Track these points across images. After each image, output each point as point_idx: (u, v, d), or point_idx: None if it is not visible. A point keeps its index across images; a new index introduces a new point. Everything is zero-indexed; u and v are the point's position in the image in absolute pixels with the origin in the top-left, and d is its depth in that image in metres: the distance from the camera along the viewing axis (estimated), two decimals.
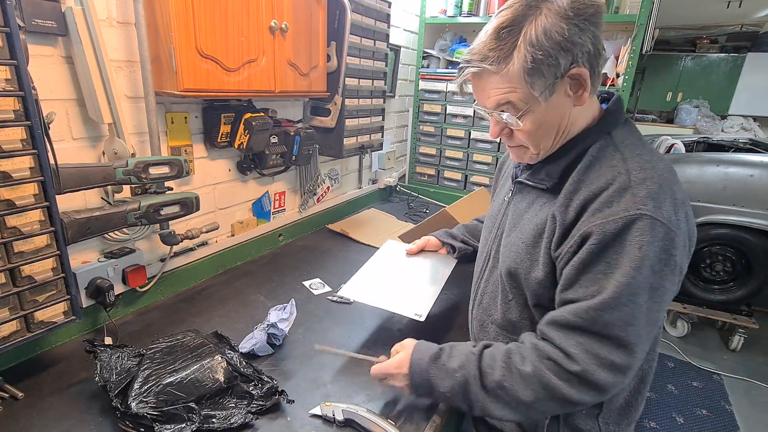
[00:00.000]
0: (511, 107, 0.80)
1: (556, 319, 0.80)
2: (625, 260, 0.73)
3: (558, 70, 0.76)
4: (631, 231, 0.73)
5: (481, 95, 0.84)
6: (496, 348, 0.87)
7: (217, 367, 0.94)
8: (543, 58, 0.74)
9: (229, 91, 1.26)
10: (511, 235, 0.94)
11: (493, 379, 0.82)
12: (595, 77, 0.79)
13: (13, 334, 0.90)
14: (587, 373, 0.75)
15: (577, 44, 0.75)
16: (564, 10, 0.74)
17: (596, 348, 0.75)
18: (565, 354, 0.77)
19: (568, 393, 0.77)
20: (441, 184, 2.76)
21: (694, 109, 6.04)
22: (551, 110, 0.80)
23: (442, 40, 2.69)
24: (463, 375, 0.84)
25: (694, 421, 2.44)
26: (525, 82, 0.76)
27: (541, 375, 0.78)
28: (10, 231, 0.85)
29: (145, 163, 1.09)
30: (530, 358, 0.80)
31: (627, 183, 0.76)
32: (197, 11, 1.12)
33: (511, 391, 0.80)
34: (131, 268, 1.22)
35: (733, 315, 3.02)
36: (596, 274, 0.76)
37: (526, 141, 0.85)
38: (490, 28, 0.79)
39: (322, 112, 1.81)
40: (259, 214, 1.76)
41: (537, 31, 0.74)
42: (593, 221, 0.76)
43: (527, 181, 0.92)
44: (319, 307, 1.39)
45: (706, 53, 6.13)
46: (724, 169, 2.87)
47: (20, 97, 0.81)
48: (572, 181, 0.82)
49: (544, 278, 0.84)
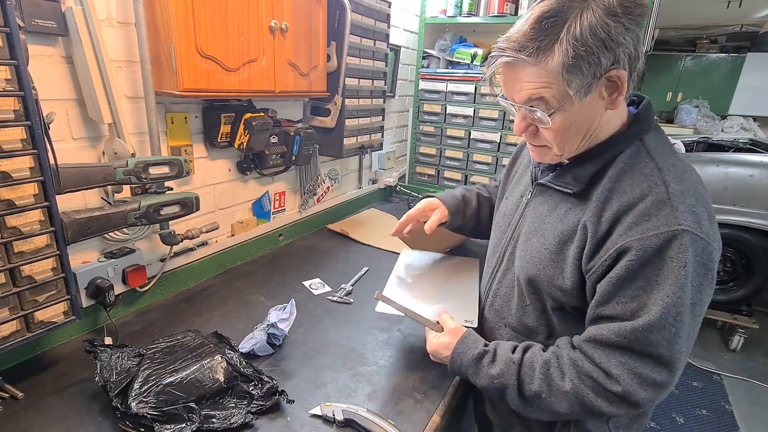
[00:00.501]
0: (543, 103, 0.76)
1: (597, 338, 0.78)
2: (669, 278, 0.71)
3: (598, 70, 0.71)
4: (672, 247, 0.71)
5: (512, 87, 0.78)
6: (534, 355, 0.85)
7: (217, 367, 0.94)
8: (585, 55, 0.69)
9: (229, 91, 1.26)
10: (531, 239, 0.91)
11: (531, 389, 0.82)
12: (631, 81, 0.76)
13: (13, 334, 0.90)
14: (629, 393, 0.74)
15: (621, 44, 0.71)
16: (612, 7, 0.69)
17: (639, 367, 0.74)
18: (607, 374, 0.76)
19: (606, 410, 0.77)
20: (441, 184, 2.76)
21: (694, 109, 6.04)
22: (583, 111, 0.76)
23: (442, 40, 2.69)
24: (501, 383, 0.86)
25: (694, 421, 2.44)
26: (562, 78, 0.71)
27: (580, 394, 0.78)
28: (10, 231, 0.85)
29: (145, 163, 1.09)
30: (569, 374, 0.79)
31: (665, 195, 0.73)
32: (197, 11, 1.12)
33: (547, 403, 0.81)
34: (131, 268, 1.22)
35: (733, 315, 3.02)
36: (635, 291, 0.73)
37: (551, 141, 0.81)
38: (531, 16, 0.73)
39: (322, 112, 1.81)
40: (259, 214, 1.76)
41: (582, 25, 0.69)
42: (631, 236, 0.73)
43: (551, 184, 0.89)
44: (319, 307, 1.39)
45: (706, 53, 6.14)
46: (724, 169, 2.87)
47: (20, 97, 0.81)
48: (603, 189, 0.79)
49: (571, 288, 0.82)
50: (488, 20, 2.44)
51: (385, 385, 1.04)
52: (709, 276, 0.74)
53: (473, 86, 2.48)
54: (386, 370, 1.10)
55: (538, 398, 0.82)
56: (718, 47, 6.13)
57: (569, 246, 0.83)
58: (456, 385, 1.06)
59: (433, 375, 1.09)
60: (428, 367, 1.11)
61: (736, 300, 3.03)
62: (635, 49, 0.73)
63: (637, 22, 0.72)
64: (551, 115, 0.76)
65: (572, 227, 0.83)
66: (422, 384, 1.05)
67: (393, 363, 1.13)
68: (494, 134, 2.49)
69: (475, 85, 2.48)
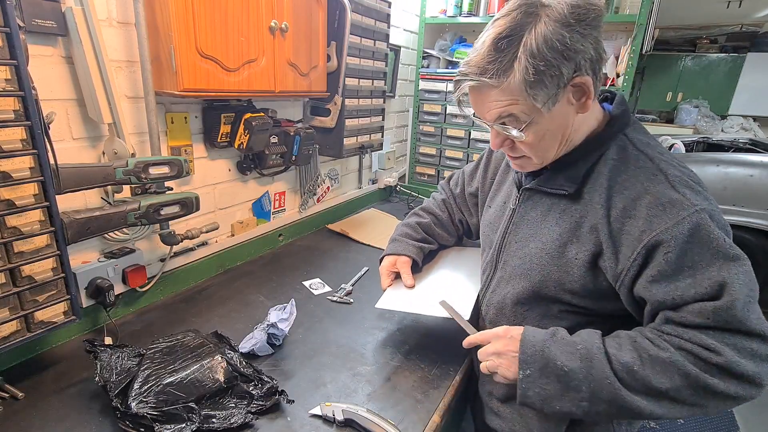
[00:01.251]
0: (513, 119, 0.77)
1: (677, 320, 0.74)
2: (712, 255, 0.71)
3: (561, 80, 0.72)
4: (701, 228, 0.71)
5: (481, 108, 0.80)
6: (615, 333, 0.80)
7: (217, 367, 0.94)
8: (545, 69, 0.70)
9: (229, 91, 1.26)
10: (528, 245, 0.90)
11: (621, 360, 0.73)
12: (597, 82, 0.77)
13: (13, 334, 0.89)
14: (732, 364, 0.69)
15: (580, 51, 0.72)
16: (564, 17, 0.70)
17: (732, 340, 0.70)
18: (705, 347, 0.71)
19: (714, 383, 0.70)
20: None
21: (694, 109, 6.05)
22: (554, 120, 0.78)
23: (442, 40, 2.69)
24: (585, 347, 0.76)
25: (694, 421, 2.44)
26: (527, 94, 0.73)
27: (681, 362, 0.71)
28: (10, 231, 0.85)
29: (145, 163, 1.09)
30: (663, 345, 0.73)
31: (667, 182, 0.75)
32: (197, 11, 1.12)
33: (643, 376, 0.72)
34: (131, 268, 1.22)
35: None
36: (686, 278, 0.72)
37: (528, 152, 0.83)
38: (487, 39, 0.74)
39: (322, 112, 1.81)
40: (259, 214, 1.76)
41: (537, 40, 0.70)
42: (655, 229, 0.73)
43: (542, 188, 0.89)
44: (319, 307, 1.39)
45: (706, 53, 6.14)
46: (724, 169, 2.87)
47: (20, 97, 0.81)
48: (602, 188, 0.80)
49: (580, 290, 0.82)
50: (488, 20, 2.42)
51: (385, 385, 1.04)
52: (729, 233, 0.75)
53: None
54: (386, 370, 1.10)
55: (631, 372, 0.72)
56: (718, 47, 6.14)
57: (571, 247, 0.83)
58: (456, 385, 1.06)
59: (433, 375, 1.09)
60: (428, 367, 1.12)
61: None
62: (596, 51, 0.74)
63: (593, 25, 0.72)
64: (523, 130, 0.77)
65: (572, 227, 0.83)
66: (422, 384, 1.05)
67: (393, 363, 1.13)
68: None
69: None
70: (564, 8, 0.71)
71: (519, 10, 0.73)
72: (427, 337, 1.26)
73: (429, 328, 1.29)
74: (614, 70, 2.18)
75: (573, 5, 0.71)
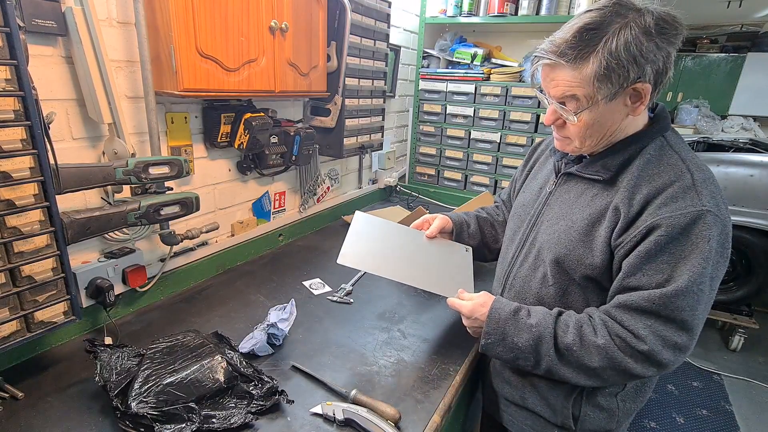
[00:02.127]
0: (574, 101, 0.85)
1: (626, 304, 0.85)
2: (695, 252, 0.80)
3: (626, 81, 0.80)
4: (698, 225, 0.80)
5: (549, 83, 0.88)
6: (568, 315, 0.93)
7: (217, 367, 0.94)
8: (616, 68, 0.78)
9: (229, 91, 1.26)
10: (558, 223, 0.98)
11: (565, 341, 0.89)
12: (655, 92, 0.84)
13: (13, 334, 0.90)
14: (653, 353, 0.82)
15: (651, 61, 0.79)
16: (648, 27, 0.78)
17: (663, 330, 0.82)
18: (634, 335, 0.84)
19: (633, 368, 0.84)
20: (441, 184, 2.76)
21: (694, 109, 6.04)
22: (607, 114, 0.85)
23: (442, 40, 2.69)
24: (539, 331, 0.91)
25: (694, 421, 2.44)
26: (593, 84, 0.81)
27: (611, 350, 0.85)
28: (10, 231, 0.85)
29: (145, 163, 1.09)
30: (601, 332, 0.87)
31: (691, 182, 0.83)
32: (197, 11, 1.12)
33: (578, 355, 0.88)
34: (131, 268, 1.22)
35: (733, 315, 3.02)
36: (660, 264, 0.82)
37: (574, 135, 0.90)
38: (576, 25, 0.81)
39: (322, 112, 1.81)
40: (259, 214, 1.76)
41: (619, 42, 0.77)
42: (660, 214, 0.81)
43: (580, 173, 0.97)
44: (319, 307, 1.39)
45: (706, 53, 6.13)
46: (724, 169, 2.87)
47: (20, 97, 0.81)
48: (633, 176, 0.88)
49: (601, 264, 0.90)
50: (488, 20, 2.44)
51: (385, 384, 1.04)
52: (725, 255, 0.83)
53: (473, 86, 2.48)
54: (386, 370, 1.10)
55: (569, 351, 0.88)
56: (718, 47, 6.13)
57: (598, 227, 0.91)
58: (456, 385, 1.07)
59: (433, 375, 1.09)
60: (428, 367, 1.12)
61: (736, 300, 3.03)
62: (664, 65, 0.81)
63: (670, 41, 0.80)
64: (578, 114, 0.86)
65: (601, 210, 0.91)
66: (422, 384, 1.05)
67: (393, 363, 1.13)
68: (494, 134, 2.49)
69: (475, 85, 2.48)
70: (651, 19, 0.78)
71: (612, 8, 0.80)
72: (427, 337, 1.26)
73: (429, 328, 1.30)
74: None
75: (660, 18, 0.79)
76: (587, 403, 0.99)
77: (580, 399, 0.99)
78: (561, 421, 1.02)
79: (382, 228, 1.27)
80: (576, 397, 0.99)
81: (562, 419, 1.02)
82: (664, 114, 0.94)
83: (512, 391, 1.09)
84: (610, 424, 1.01)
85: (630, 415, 1.04)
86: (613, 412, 1.00)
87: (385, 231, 1.26)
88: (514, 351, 0.94)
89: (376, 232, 1.25)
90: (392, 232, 1.27)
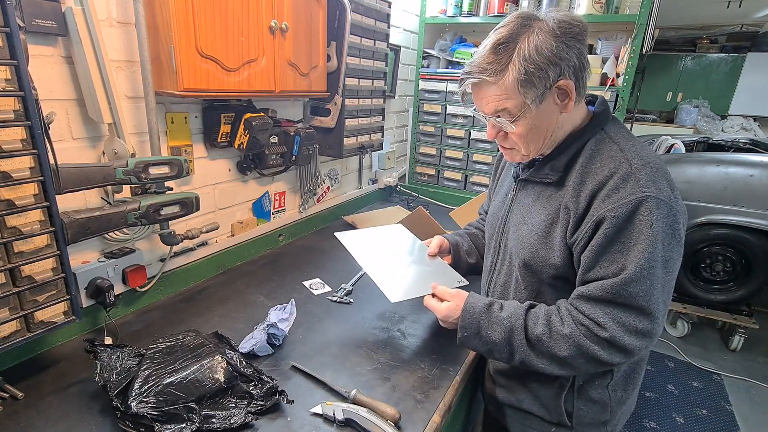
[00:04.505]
0: (507, 113, 0.90)
1: (585, 294, 0.89)
2: (640, 238, 0.82)
3: (547, 82, 0.86)
4: (640, 211, 0.82)
5: (480, 102, 0.93)
6: (539, 308, 0.96)
7: (217, 367, 0.94)
8: (534, 71, 0.84)
9: (229, 91, 1.26)
10: (521, 228, 1.02)
11: (535, 332, 0.92)
12: (581, 88, 0.90)
13: (13, 334, 0.90)
14: (615, 338, 0.85)
15: (564, 59, 0.85)
16: (553, 29, 0.84)
17: (622, 317, 0.85)
18: (596, 323, 0.87)
19: (601, 355, 0.87)
20: (441, 184, 2.76)
21: (694, 109, 6.04)
22: (541, 116, 0.90)
23: (442, 40, 2.69)
24: (510, 323, 0.95)
25: (694, 421, 2.44)
26: (518, 91, 0.86)
27: (577, 338, 0.88)
28: (10, 231, 0.85)
29: (145, 163, 1.09)
30: (567, 322, 0.90)
31: (629, 170, 0.86)
32: (197, 11, 1.12)
33: (548, 345, 0.90)
34: (131, 268, 1.22)
35: (733, 315, 3.02)
36: (614, 254, 0.85)
37: (518, 142, 0.94)
38: (488, 44, 0.88)
39: (322, 112, 1.81)
40: (259, 214, 1.76)
41: (530, 47, 0.84)
42: (604, 207, 0.85)
43: (532, 178, 1.01)
44: (319, 307, 1.39)
45: (706, 53, 6.13)
46: (724, 169, 2.87)
47: (20, 97, 0.81)
48: (577, 174, 0.92)
49: (562, 263, 0.93)
50: (488, 20, 2.44)
51: (385, 385, 1.04)
52: (676, 236, 0.85)
53: None
54: (386, 370, 1.10)
55: (540, 341, 0.91)
56: (718, 47, 6.13)
57: (555, 227, 0.95)
58: (456, 385, 1.07)
59: (433, 375, 1.09)
60: (428, 367, 1.12)
61: (736, 300, 3.02)
62: (579, 60, 0.87)
63: (578, 39, 0.86)
64: (514, 122, 0.91)
65: (555, 210, 0.95)
66: (422, 384, 1.05)
67: (393, 363, 1.13)
68: None
69: None
70: (553, 22, 0.85)
71: (516, 21, 0.87)
72: (427, 337, 1.26)
73: (429, 328, 1.30)
74: (614, 70, 2.18)
75: (560, 20, 0.85)
76: (579, 398, 1.02)
77: (572, 395, 1.02)
78: (557, 419, 1.04)
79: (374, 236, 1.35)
80: (567, 394, 1.02)
81: (557, 417, 1.04)
82: (603, 106, 0.98)
83: (508, 394, 1.12)
84: (604, 415, 1.03)
85: (623, 404, 1.05)
86: (606, 403, 1.02)
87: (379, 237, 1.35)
88: (488, 344, 0.97)
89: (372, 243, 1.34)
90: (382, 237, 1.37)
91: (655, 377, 2.80)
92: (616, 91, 2.13)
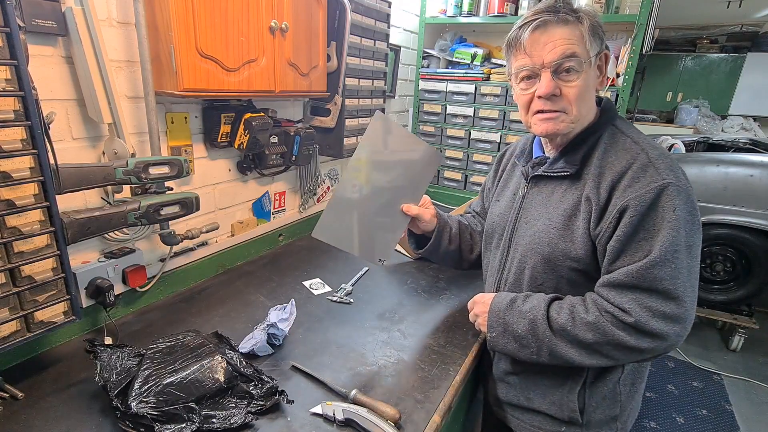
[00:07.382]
0: (574, 60, 0.89)
1: (610, 281, 0.90)
2: (663, 224, 0.84)
3: (601, 45, 0.92)
4: (662, 197, 0.85)
5: (543, 48, 0.89)
6: (564, 299, 0.97)
7: (217, 367, 0.94)
8: (598, 27, 0.90)
9: (229, 91, 1.26)
10: (536, 225, 1.02)
11: (559, 321, 0.93)
12: (606, 74, 0.95)
13: (13, 334, 0.89)
14: (641, 324, 0.85)
15: (603, 39, 0.92)
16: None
17: (648, 301, 0.85)
18: (621, 309, 0.87)
19: (625, 340, 0.87)
20: (441, 184, 2.76)
21: (694, 109, 6.04)
22: (589, 80, 0.93)
23: (442, 40, 2.69)
24: (533, 314, 0.95)
25: (694, 421, 2.44)
26: (588, 40, 0.89)
27: (602, 324, 0.88)
28: (10, 231, 0.85)
29: (145, 163, 1.09)
30: (592, 310, 0.91)
31: (647, 160, 0.88)
32: (197, 11, 1.12)
33: (574, 334, 0.91)
34: (131, 268, 1.22)
35: (733, 315, 3.02)
36: (639, 242, 0.86)
37: (573, 101, 0.92)
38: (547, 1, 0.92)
39: (322, 112, 1.81)
40: (259, 214, 1.76)
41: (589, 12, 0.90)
42: (627, 196, 0.87)
43: (547, 173, 1.02)
44: (319, 307, 1.39)
45: (706, 53, 6.14)
46: (724, 169, 2.87)
47: (20, 97, 0.81)
48: (595, 166, 0.94)
49: (584, 255, 0.94)
50: (488, 20, 2.44)
51: (385, 385, 1.04)
52: (696, 222, 0.87)
53: (473, 86, 2.48)
54: (386, 370, 1.10)
55: (564, 330, 0.92)
56: (718, 47, 6.13)
57: (575, 219, 0.95)
58: (456, 385, 1.07)
59: (433, 375, 1.09)
60: (428, 367, 1.12)
61: (736, 300, 3.02)
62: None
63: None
64: (577, 74, 0.91)
65: (574, 203, 0.96)
66: (422, 384, 1.05)
67: (393, 363, 1.13)
68: (494, 134, 2.49)
69: (475, 85, 2.48)
70: None
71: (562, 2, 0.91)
72: (427, 337, 1.26)
73: (429, 328, 1.30)
74: (614, 70, 2.18)
75: None
76: (591, 393, 1.02)
77: (584, 391, 1.02)
78: (568, 416, 1.03)
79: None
80: (579, 390, 1.02)
81: (569, 413, 1.03)
82: (609, 105, 1.01)
83: (517, 394, 1.11)
84: (615, 410, 1.03)
85: (632, 399, 1.06)
86: (616, 398, 1.02)
87: None
88: (517, 339, 0.98)
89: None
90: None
91: (656, 377, 2.80)
92: (616, 91, 2.13)
